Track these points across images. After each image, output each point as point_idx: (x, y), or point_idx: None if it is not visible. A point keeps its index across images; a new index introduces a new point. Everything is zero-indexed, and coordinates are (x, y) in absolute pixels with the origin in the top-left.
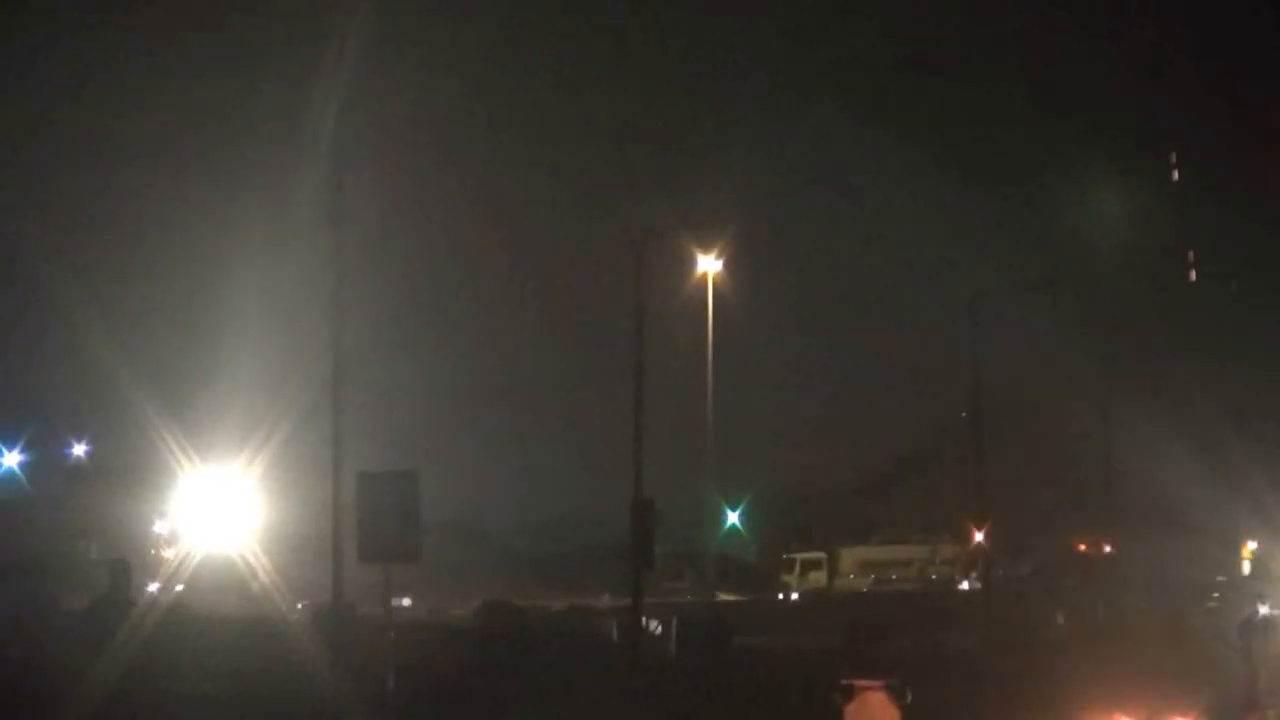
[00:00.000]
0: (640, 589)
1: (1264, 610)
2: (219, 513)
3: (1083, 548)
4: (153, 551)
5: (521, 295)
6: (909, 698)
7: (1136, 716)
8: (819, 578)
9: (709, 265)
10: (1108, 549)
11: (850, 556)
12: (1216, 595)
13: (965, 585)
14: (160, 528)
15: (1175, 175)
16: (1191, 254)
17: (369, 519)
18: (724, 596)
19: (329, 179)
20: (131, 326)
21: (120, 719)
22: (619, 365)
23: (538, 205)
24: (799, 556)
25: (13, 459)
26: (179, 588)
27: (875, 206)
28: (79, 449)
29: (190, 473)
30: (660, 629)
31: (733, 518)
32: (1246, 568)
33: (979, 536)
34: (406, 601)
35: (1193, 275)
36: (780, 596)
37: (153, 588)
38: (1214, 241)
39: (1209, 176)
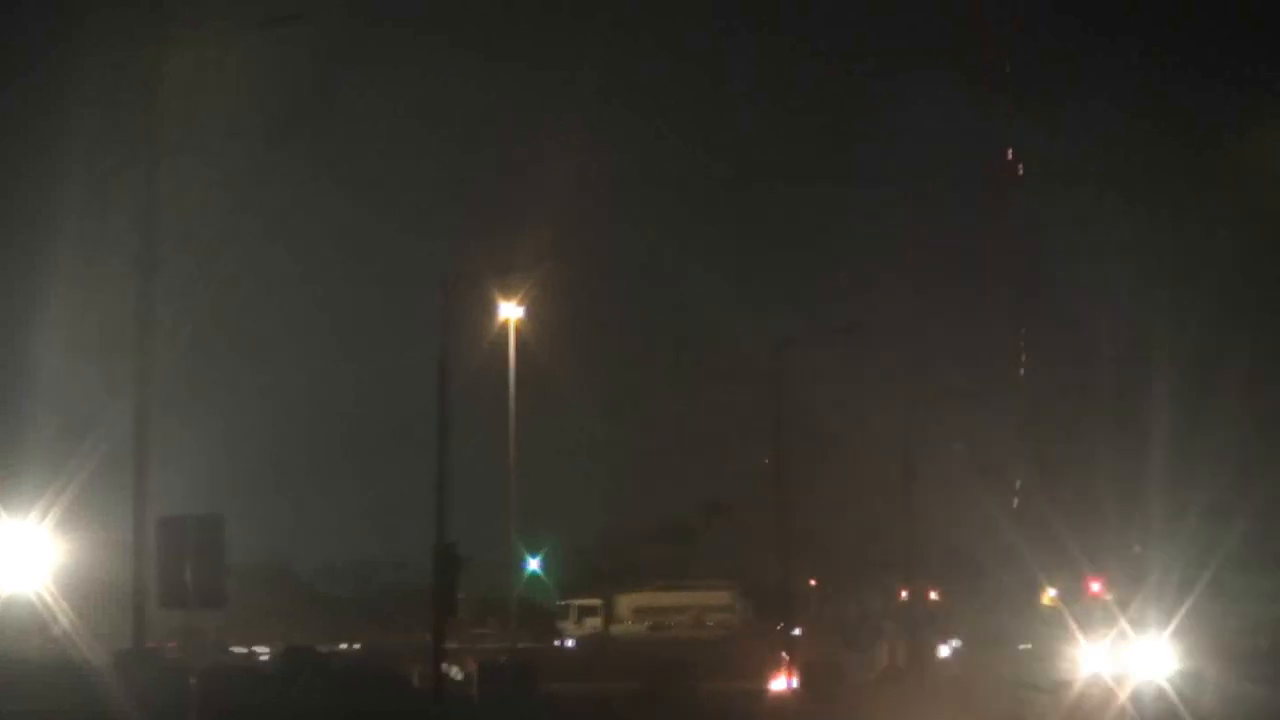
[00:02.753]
0: (442, 634)
1: None
2: (21, 557)
3: (904, 594)
4: None
5: (332, 339)
6: None
7: None
8: (595, 624)
9: (511, 312)
10: (933, 596)
11: (627, 603)
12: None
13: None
14: None
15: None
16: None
17: (169, 564)
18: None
19: (137, 225)
20: None
21: None
22: (430, 412)
23: (353, 248)
24: (575, 603)
25: None
26: None
27: (685, 248)
28: None
29: None
30: (461, 674)
31: (534, 564)
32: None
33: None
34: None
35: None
36: (555, 643)
37: None
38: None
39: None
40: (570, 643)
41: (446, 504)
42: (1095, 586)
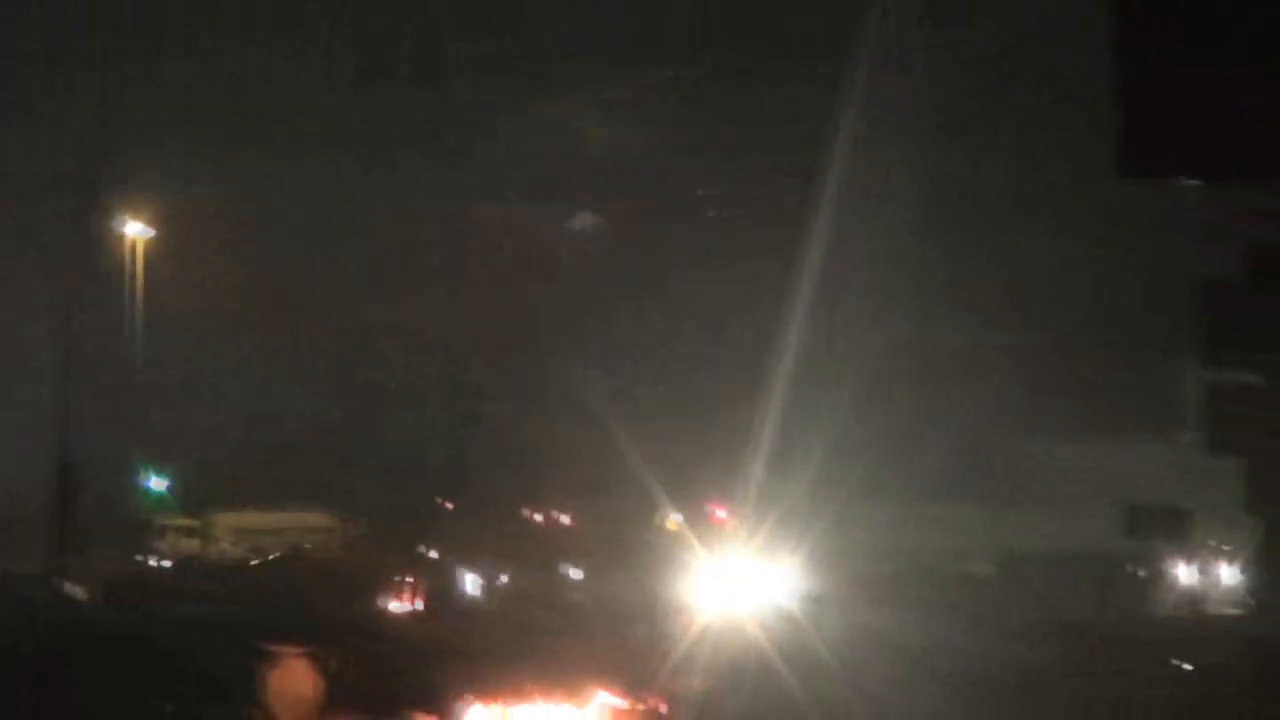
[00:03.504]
0: (62, 554)
1: None
2: None
3: (539, 518)
4: None
5: None
6: (334, 664)
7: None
8: (192, 544)
9: (138, 231)
10: (565, 520)
11: (224, 523)
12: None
13: (433, 555)
14: None
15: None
16: None
17: None
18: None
19: None
20: None
21: None
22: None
23: None
24: (171, 523)
25: None
26: None
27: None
28: None
29: None
30: (84, 594)
31: (159, 484)
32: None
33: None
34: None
35: None
36: (152, 563)
37: None
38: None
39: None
40: (167, 563)
41: (67, 424)
42: (718, 512)
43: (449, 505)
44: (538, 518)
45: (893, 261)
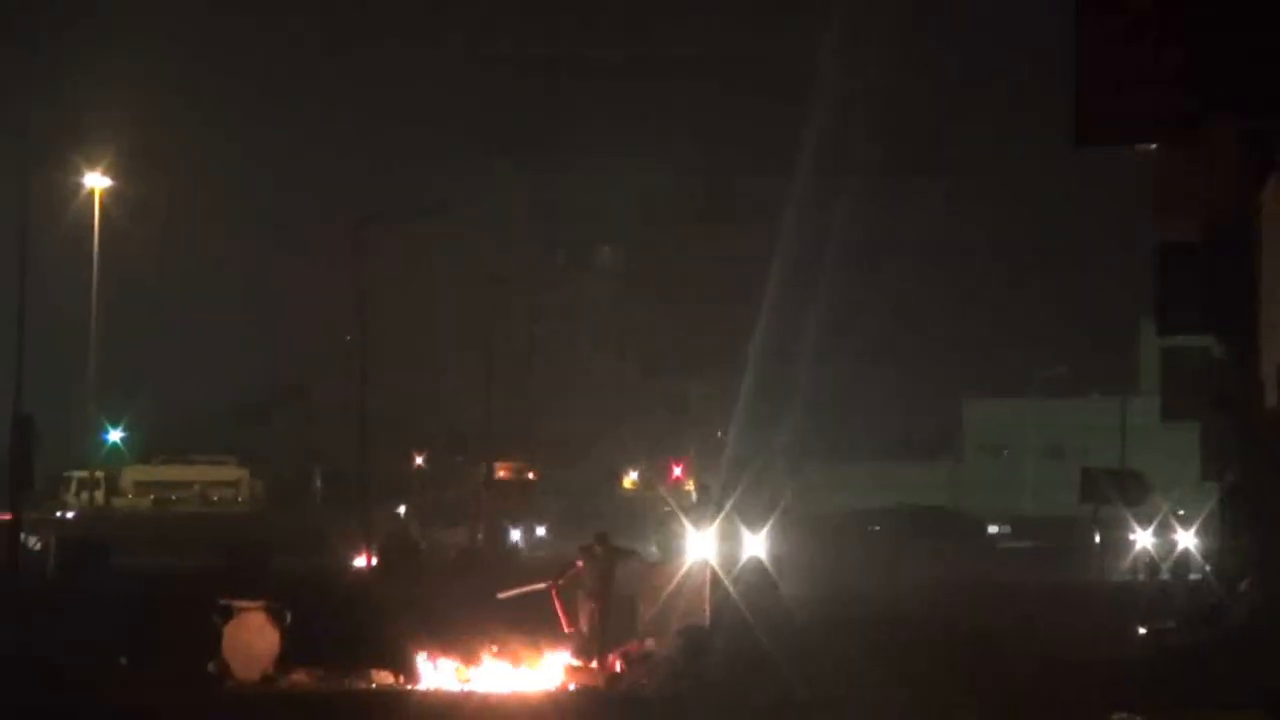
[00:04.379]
0: (20, 506)
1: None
2: None
3: (504, 474)
4: None
5: None
6: (289, 618)
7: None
8: (97, 496)
9: (96, 182)
10: (530, 476)
11: (129, 475)
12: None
13: (401, 509)
14: None
15: None
16: None
17: None
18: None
19: None
20: None
21: None
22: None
23: None
24: (75, 475)
25: None
26: None
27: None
28: None
29: None
30: (39, 545)
31: (115, 436)
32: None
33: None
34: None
35: None
36: (58, 515)
37: None
38: None
39: None
40: (70, 515)
41: (23, 375)
42: (677, 470)
43: (419, 460)
44: (502, 473)
45: (859, 234)
